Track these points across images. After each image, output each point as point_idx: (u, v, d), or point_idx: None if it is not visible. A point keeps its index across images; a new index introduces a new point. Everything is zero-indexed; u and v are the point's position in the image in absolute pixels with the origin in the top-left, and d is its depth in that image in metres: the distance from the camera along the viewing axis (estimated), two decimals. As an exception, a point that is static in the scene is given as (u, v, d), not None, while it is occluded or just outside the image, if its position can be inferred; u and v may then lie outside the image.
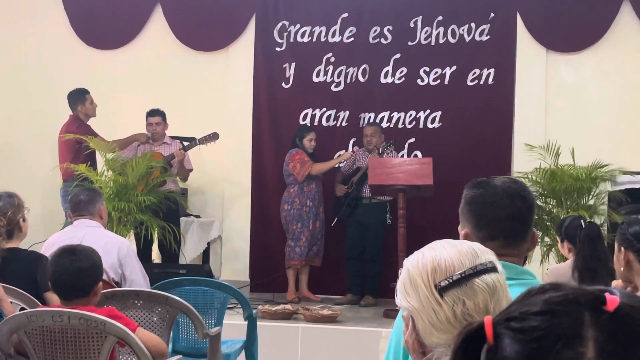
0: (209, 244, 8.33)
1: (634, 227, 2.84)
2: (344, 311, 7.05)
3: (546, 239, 6.61)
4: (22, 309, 3.55)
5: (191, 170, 7.94)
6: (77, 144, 7.42)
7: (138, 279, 4.53)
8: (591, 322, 0.85)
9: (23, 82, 8.90)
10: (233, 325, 5.60)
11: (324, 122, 8.51)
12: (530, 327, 0.86)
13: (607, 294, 0.87)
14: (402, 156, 8.18)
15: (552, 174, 6.69)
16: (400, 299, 1.60)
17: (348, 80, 8.50)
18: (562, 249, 4.68)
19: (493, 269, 1.56)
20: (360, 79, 8.48)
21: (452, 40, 8.35)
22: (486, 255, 1.58)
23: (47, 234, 5.02)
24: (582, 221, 4.40)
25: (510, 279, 2.01)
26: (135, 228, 7.17)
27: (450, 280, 1.52)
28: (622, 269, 2.87)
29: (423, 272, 1.55)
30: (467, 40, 8.32)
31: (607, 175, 6.76)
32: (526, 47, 8.23)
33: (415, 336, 1.57)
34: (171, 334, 4.08)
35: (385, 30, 8.46)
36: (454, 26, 8.34)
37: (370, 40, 8.49)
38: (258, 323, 5.31)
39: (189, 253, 8.06)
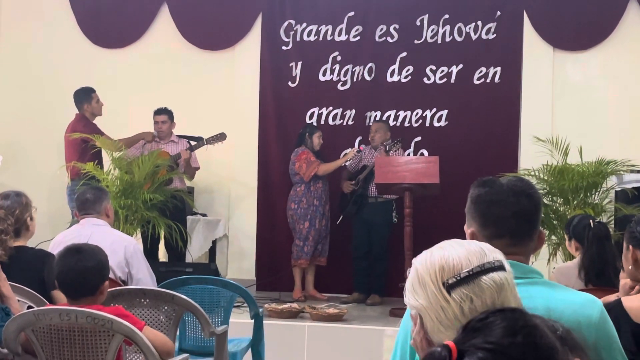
0: (214, 242, 8.34)
1: None
2: (350, 310, 7.06)
3: (553, 237, 6.60)
4: (30, 307, 3.56)
5: (198, 168, 7.95)
6: (84, 143, 7.44)
7: (145, 278, 4.53)
8: None
9: (30, 81, 8.92)
10: (239, 324, 5.61)
11: (330, 121, 8.51)
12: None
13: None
14: (409, 155, 8.17)
15: (560, 172, 6.68)
16: (408, 298, 1.61)
17: (354, 79, 8.50)
18: (570, 247, 4.67)
19: (501, 268, 1.56)
20: (367, 77, 8.48)
21: (458, 39, 8.34)
22: (494, 254, 1.59)
23: (54, 232, 5.03)
24: (590, 221, 4.40)
25: (517, 278, 2.00)
26: (142, 226, 7.18)
27: (458, 278, 1.53)
28: (630, 267, 2.86)
29: (431, 271, 1.56)
30: (473, 39, 8.31)
31: (613, 171, 6.75)
32: (533, 45, 8.21)
33: (424, 334, 1.58)
34: (178, 333, 4.09)
35: (391, 28, 8.45)
36: (460, 24, 8.33)
37: (377, 38, 8.49)
38: (264, 322, 5.31)
39: (195, 251, 8.06)
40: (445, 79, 8.36)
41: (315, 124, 8.36)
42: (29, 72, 8.94)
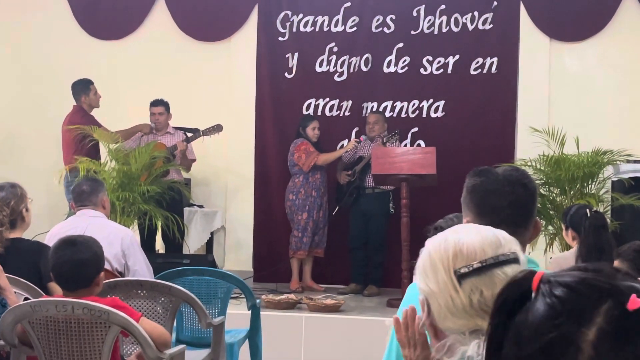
0: (212, 234, 8.34)
1: None
2: (347, 301, 7.06)
3: (550, 227, 6.61)
4: (26, 299, 3.56)
5: (194, 160, 7.94)
6: (81, 135, 7.43)
7: (141, 269, 4.53)
8: (605, 313, 0.88)
9: (27, 73, 8.89)
10: (236, 315, 5.61)
11: (327, 112, 8.50)
12: (554, 294, 0.92)
13: (634, 295, 0.89)
14: (406, 145, 8.17)
15: (556, 162, 6.69)
16: (418, 281, 1.58)
17: (351, 70, 8.49)
18: (567, 236, 4.68)
19: (515, 260, 1.53)
20: (363, 68, 8.47)
21: (455, 29, 8.33)
22: (510, 244, 1.55)
23: (51, 224, 5.02)
24: (587, 210, 4.40)
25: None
26: (139, 218, 7.18)
27: (471, 268, 1.50)
28: None
29: (444, 257, 1.53)
30: (470, 29, 8.30)
31: (610, 161, 6.76)
32: (529, 36, 8.20)
33: (430, 321, 1.55)
34: (175, 324, 4.09)
35: (387, 19, 8.44)
36: (457, 15, 8.32)
37: (373, 29, 8.47)
38: (261, 313, 5.32)
39: (193, 243, 8.06)
40: (441, 70, 8.35)
41: (312, 114, 8.35)
42: (25, 64, 8.92)
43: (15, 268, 3.70)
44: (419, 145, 8.26)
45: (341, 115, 8.50)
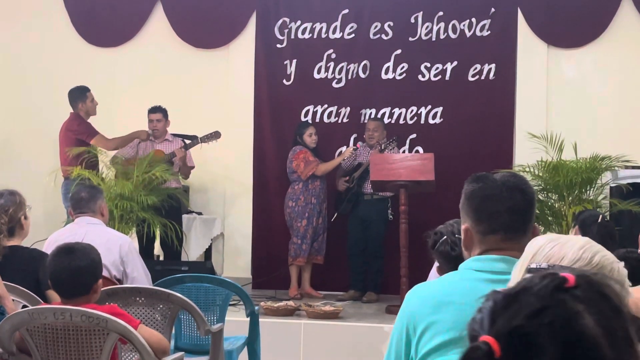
0: (211, 240, 8.33)
1: None
2: (346, 307, 7.05)
3: (548, 233, 6.60)
4: (24, 306, 3.56)
5: (193, 167, 7.94)
6: (78, 142, 7.43)
7: (140, 276, 4.52)
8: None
9: (24, 80, 8.89)
10: (235, 322, 5.60)
11: (325, 119, 8.50)
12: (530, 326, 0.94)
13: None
14: (404, 152, 8.17)
15: (554, 168, 6.70)
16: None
17: (349, 77, 8.49)
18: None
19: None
20: (361, 75, 8.48)
21: (452, 36, 8.34)
22: (599, 266, 1.51)
23: (49, 232, 5.00)
24: (600, 217, 4.43)
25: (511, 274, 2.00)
26: (137, 225, 7.17)
27: (538, 266, 1.50)
28: None
29: (529, 251, 1.56)
30: (468, 36, 8.31)
31: (608, 166, 6.76)
32: (527, 42, 8.21)
33: None
34: (173, 331, 4.09)
35: (385, 26, 8.45)
36: (454, 21, 8.33)
37: (371, 36, 8.48)
38: (260, 320, 5.31)
39: (193, 250, 8.05)
40: (439, 76, 8.36)
41: (310, 121, 8.34)
42: (23, 70, 8.91)
43: (14, 276, 3.69)
44: (417, 151, 8.26)
45: (339, 121, 8.51)
